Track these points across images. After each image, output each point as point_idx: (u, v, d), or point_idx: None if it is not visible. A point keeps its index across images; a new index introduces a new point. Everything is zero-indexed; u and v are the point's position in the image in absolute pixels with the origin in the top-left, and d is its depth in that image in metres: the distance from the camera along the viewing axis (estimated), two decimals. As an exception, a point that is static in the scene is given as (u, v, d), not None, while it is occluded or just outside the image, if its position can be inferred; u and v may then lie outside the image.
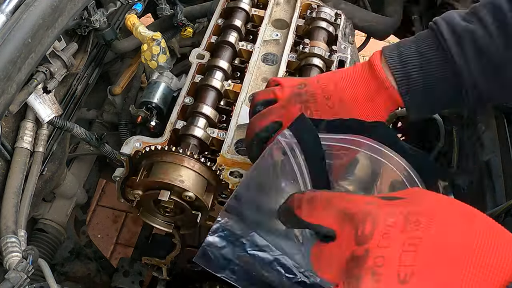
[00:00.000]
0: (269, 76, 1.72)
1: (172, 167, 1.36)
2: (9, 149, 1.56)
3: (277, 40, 1.83)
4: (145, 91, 1.85)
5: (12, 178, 1.51)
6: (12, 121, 1.60)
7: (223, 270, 1.03)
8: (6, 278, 1.21)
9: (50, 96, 1.66)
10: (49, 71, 1.62)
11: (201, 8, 2.14)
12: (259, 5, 1.97)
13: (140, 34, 1.84)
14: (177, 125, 1.55)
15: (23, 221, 1.47)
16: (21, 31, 1.33)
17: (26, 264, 1.26)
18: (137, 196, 1.40)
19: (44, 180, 1.74)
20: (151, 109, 1.82)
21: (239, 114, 1.60)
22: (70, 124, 1.73)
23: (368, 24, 2.45)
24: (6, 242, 1.33)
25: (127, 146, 1.47)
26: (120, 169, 1.48)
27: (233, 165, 1.46)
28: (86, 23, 1.80)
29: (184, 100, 1.62)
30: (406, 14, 2.69)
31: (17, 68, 1.33)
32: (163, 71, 1.86)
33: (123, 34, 2.08)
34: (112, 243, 3.39)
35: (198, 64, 1.72)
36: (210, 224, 1.72)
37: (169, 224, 1.52)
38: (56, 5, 1.43)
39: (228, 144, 1.52)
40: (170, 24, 2.09)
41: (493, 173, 1.73)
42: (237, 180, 1.43)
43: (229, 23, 1.81)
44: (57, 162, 1.81)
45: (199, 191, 1.36)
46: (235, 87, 1.67)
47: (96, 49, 2.03)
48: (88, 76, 1.98)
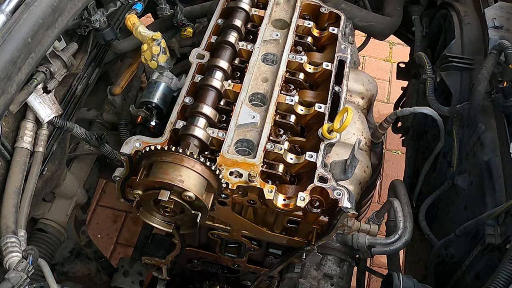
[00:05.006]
0: (269, 76, 1.72)
1: (172, 167, 1.36)
2: (9, 149, 1.56)
3: (277, 40, 1.83)
4: (145, 91, 1.85)
5: (12, 178, 1.51)
6: (12, 121, 1.61)
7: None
8: (6, 278, 1.22)
9: (50, 96, 1.66)
10: (49, 71, 1.62)
11: (201, 8, 2.15)
12: (259, 5, 1.97)
13: (140, 34, 1.84)
14: (177, 125, 1.55)
15: (23, 221, 1.48)
16: (21, 31, 1.33)
17: (26, 264, 1.26)
18: (137, 196, 1.40)
19: (44, 180, 1.74)
20: (151, 109, 1.82)
21: (239, 114, 1.60)
22: (70, 124, 1.73)
23: (368, 24, 2.45)
24: (6, 242, 1.34)
25: (127, 146, 1.47)
26: (120, 169, 1.49)
27: (233, 165, 1.46)
28: (86, 23, 1.80)
29: (184, 100, 1.62)
30: (406, 14, 2.70)
31: (17, 68, 1.33)
32: (163, 71, 1.86)
33: (123, 34, 2.08)
34: (112, 243, 3.40)
35: (198, 64, 1.72)
36: (210, 224, 1.73)
37: (169, 224, 1.52)
38: (56, 5, 1.43)
39: (228, 144, 1.52)
40: (170, 24, 2.09)
41: (493, 173, 1.73)
42: (237, 180, 1.43)
43: (229, 23, 1.81)
44: (57, 162, 1.82)
45: (199, 191, 1.36)
46: (235, 87, 1.67)
47: (96, 49, 2.04)
48: (88, 76, 1.99)
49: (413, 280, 1.69)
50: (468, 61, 2.10)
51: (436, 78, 2.19)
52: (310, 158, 1.50)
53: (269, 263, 1.86)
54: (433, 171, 2.25)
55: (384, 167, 3.76)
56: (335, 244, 1.87)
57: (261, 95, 1.67)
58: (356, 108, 2.18)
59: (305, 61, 1.78)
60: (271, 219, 1.58)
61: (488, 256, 1.67)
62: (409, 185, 2.37)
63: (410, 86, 2.57)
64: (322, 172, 1.47)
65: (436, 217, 2.15)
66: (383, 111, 4.15)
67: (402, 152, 3.83)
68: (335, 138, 1.56)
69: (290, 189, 1.49)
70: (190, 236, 1.81)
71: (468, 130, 1.96)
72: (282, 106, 1.65)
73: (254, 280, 1.99)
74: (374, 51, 4.57)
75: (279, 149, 1.52)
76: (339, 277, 1.83)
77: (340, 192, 1.43)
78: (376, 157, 2.25)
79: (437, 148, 2.14)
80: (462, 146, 1.98)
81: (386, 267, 2.13)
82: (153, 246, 1.89)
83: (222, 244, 1.80)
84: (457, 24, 2.26)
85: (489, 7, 2.11)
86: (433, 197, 2.11)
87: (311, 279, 1.80)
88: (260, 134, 1.55)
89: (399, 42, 3.41)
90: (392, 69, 4.37)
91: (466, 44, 2.17)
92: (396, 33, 2.89)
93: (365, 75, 2.29)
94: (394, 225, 1.84)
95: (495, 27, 2.01)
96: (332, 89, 1.69)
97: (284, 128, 1.63)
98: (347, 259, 1.88)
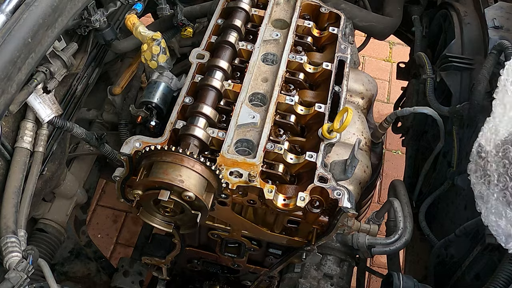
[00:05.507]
0: (269, 76, 1.72)
1: (172, 167, 1.36)
2: (9, 149, 1.56)
3: (277, 40, 1.83)
4: (145, 91, 1.85)
5: (12, 178, 1.51)
6: (12, 121, 1.61)
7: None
8: (6, 278, 1.22)
9: (50, 96, 1.66)
10: (49, 71, 1.62)
11: (201, 8, 2.15)
12: (259, 5, 1.97)
13: (140, 34, 1.84)
14: (177, 125, 1.55)
15: (23, 221, 1.48)
16: (21, 31, 1.33)
17: (26, 264, 1.26)
18: (137, 196, 1.40)
19: (44, 180, 1.74)
20: (151, 109, 1.82)
21: (239, 114, 1.60)
22: (70, 124, 1.73)
23: (368, 24, 2.45)
24: (6, 242, 1.34)
25: (127, 146, 1.47)
26: (120, 169, 1.49)
27: (233, 165, 1.46)
28: (86, 23, 1.80)
29: (184, 100, 1.62)
30: (406, 14, 2.70)
31: (17, 68, 1.33)
32: (163, 71, 1.86)
33: (123, 34, 2.08)
34: (112, 243, 3.40)
35: (198, 64, 1.72)
36: (210, 224, 1.73)
37: (169, 224, 1.52)
38: (56, 5, 1.43)
39: (228, 144, 1.52)
40: (170, 24, 2.09)
41: (493, 173, 1.73)
42: (237, 180, 1.43)
43: (229, 23, 1.81)
44: (57, 162, 1.82)
45: (199, 191, 1.36)
46: (235, 87, 1.67)
47: (96, 49, 2.04)
48: (88, 76, 1.99)
49: (413, 280, 1.69)
50: (468, 61, 2.10)
51: (436, 78, 2.19)
52: (310, 158, 1.50)
53: (269, 263, 1.86)
54: (433, 171, 2.25)
55: (384, 167, 3.76)
56: (335, 244, 1.87)
57: (261, 95, 1.67)
58: (356, 108, 2.18)
59: (305, 61, 1.78)
60: (271, 219, 1.58)
61: (488, 256, 1.67)
62: (409, 185, 2.37)
63: (410, 86, 2.57)
64: (322, 172, 1.47)
65: (436, 217, 2.15)
66: (383, 111, 4.15)
67: (402, 152, 3.83)
68: (335, 138, 1.56)
69: (290, 189, 1.49)
70: (190, 236, 1.81)
71: (468, 130, 1.95)
72: (282, 106, 1.65)
73: (254, 280, 1.99)
74: (374, 51, 4.57)
75: (279, 149, 1.52)
76: (339, 277, 1.83)
77: (340, 192, 1.43)
78: (376, 157, 2.25)
79: (437, 148, 2.14)
80: (462, 146, 1.98)
81: (386, 267, 2.13)
82: (153, 246, 1.89)
83: (222, 244, 1.80)
84: (457, 24, 2.26)
85: (489, 7, 2.11)
86: (433, 197, 2.11)
87: (311, 279, 1.80)
88: (260, 134, 1.55)
89: (399, 42, 3.41)
90: (392, 69, 4.37)
91: (466, 44, 2.17)
92: (396, 33, 2.89)
93: (365, 75, 2.29)
94: (394, 225, 1.84)
95: (495, 27, 2.01)
96: (332, 89, 1.69)
97: (284, 128, 1.63)
98: (347, 259, 1.88)
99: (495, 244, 1.54)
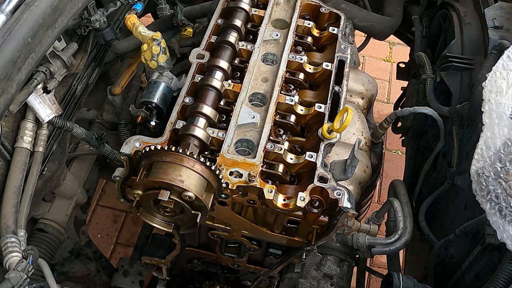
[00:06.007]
0: (269, 76, 1.72)
1: (172, 167, 1.36)
2: (9, 149, 1.56)
3: (277, 40, 1.83)
4: (145, 91, 1.85)
5: (12, 178, 1.51)
6: (12, 121, 1.61)
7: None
8: (6, 278, 1.22)
9: (50, 96, 1.66)
10: (49, 71, 1.62)
11: (201, 8, 2.15)
12: (259, 5, 1.97)
13: (140, 34, 1.84)
14: (177, 125, 1.55)
15: (23, 221, 1.48)
16: (21, 31, 1.33)
17: (26, 264, 1.26)
18: (137, 196, 1.40)
19: (44, 180, 1.74)
20: (151, 109, 1.82)
21: (239, 114, 1.60)
22: (70, 124, 1.73)
23: (368, 24, 2.45)
24: (6, 242, 1.34)
25: (127, 146, 1.47)
26: (120, 169, 1.49)
27: (233, 165, 1.46)
28: (86, 23, 1.80)
29: (184, 100, 1.62)
30: (406, 14, 2.70)
31: (17, 68, 1.33)
32: (163, 71, 1.86)
33: (123, 34, 2.08)
34: (112, 243, 3.40)
35: (198, 64, 1.72)
36: (210, 224, 1.73)
37: (169, 224, 1.52)
38: (56, 5, 1.43)
39: (228, 144, 1.52)
40: (170, 24, 2.09)
41: (493, 173, 1.73)
42: (237, 180, 1.43)
43: (229, 23, 1.81)
44: (57, 162, 1.82)
45: (199, 191, 1.36)
46: (235, 87, 1.67)
47: (96, 49, 2.03)
48: (88, 76, 1.99)
49: (413, 280, 1.69)
50: (468, 61, 2.10)
51: (436, 78, 2.19)
52: (310, 158, 1.50)
53: (269, 263, 1.86)
54: (433, 171, 2.25)
55: (384, 167, 3.76)
56: (335, 244, 1.87)
57: (261, 95, 1.67)
58: (356, 108, 2.18)
59: (305, 61, 1.78)
60: (271, 219, 1.58)
61: (488, 256, 1.67)
62: (409, 185, 2.37)
63: (410, 86, 2.57)
64: (322, 172, 1.47)
65: (436, 217, 2.15)
66: (383, 111, 4.15)
67: (402, 152, 3.83)
68: (335, 138, 1.56)
69: (290, 189, 1.49)
70: (190, 236, 1.81)
71: (468, 130, 1.95)
72: (282, 106, 1.65)
73: (254, 280, 1.99)
74: (374, 51, 4.57)
75: (279, 149, 1.52)
76: (339, 277, 1.83)
77: (340, 192, 1.43)
78: (376, 157, 2.25)
79: (437, 148, 2.14)
80: (462, 146, 1.98)
81: (386, 267, 2.13)
82: (153, 246, 1.89)
83: (222, 244, 1.80)
84: (457, 24, 2.26)
85: (489, 7, 2.11)
86: (433, 197, 2.11)
87: (311, 279, 1.80)
88: (260, 134, 1.55)
89: (399, 42, 3.41)
90: (392, 69, 4.38)
91: (466, 44, 2.17)
92: (396, 33, 2.90)
93: (365, 75, 2.29)
94: (394, 225, 1.84)
95: (495, 27, 2.01)
96: (332, 89, 1.69)
97: (284, 128, 1.63)
98: (347, 259, 1.88)
99: (495, 244, 1.54)
